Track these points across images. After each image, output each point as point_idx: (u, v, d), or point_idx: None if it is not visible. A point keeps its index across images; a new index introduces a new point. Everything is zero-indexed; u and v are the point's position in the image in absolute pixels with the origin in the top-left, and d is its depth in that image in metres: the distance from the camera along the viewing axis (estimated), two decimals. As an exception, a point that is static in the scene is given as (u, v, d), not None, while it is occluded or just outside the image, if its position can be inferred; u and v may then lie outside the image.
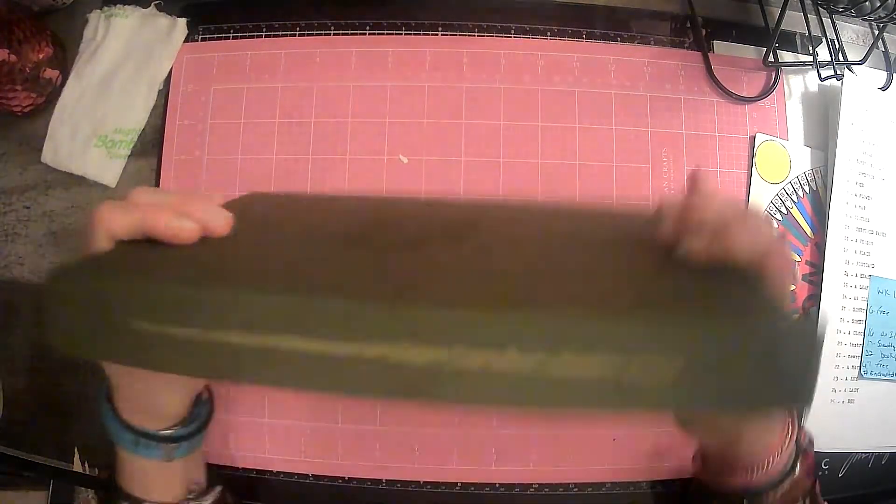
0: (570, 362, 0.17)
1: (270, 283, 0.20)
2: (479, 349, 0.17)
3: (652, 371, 0.17)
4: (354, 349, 0.18)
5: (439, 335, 0.18)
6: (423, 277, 0.21)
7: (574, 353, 0.17)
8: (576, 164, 0.46)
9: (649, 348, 0.17)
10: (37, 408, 0.47)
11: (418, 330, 0.18)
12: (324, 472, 0.45)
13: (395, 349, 0.18)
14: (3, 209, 0.48)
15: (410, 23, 0.48)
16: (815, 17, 0.49)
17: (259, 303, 0.19)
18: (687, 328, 0.17)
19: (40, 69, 0.45)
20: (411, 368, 0.18)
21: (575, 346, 0.17)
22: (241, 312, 0.19)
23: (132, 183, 0.47)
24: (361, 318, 0.18)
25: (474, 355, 0.17)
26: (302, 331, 0.18)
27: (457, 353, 0.17)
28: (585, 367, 0.17)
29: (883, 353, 0.48)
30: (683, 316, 0.18)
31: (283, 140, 0.46)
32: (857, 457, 0.49)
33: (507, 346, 0.17)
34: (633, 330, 0.17)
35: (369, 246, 0.25)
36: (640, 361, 0.17)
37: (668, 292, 0.21)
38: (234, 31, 0.48)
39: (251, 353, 0.19)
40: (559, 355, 0.17)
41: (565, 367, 0.17)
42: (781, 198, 0.48)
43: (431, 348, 0.17)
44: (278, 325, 0.18)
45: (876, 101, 0.49)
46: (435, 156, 0.46)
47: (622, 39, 0.49)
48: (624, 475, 0.46)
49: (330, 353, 0.18)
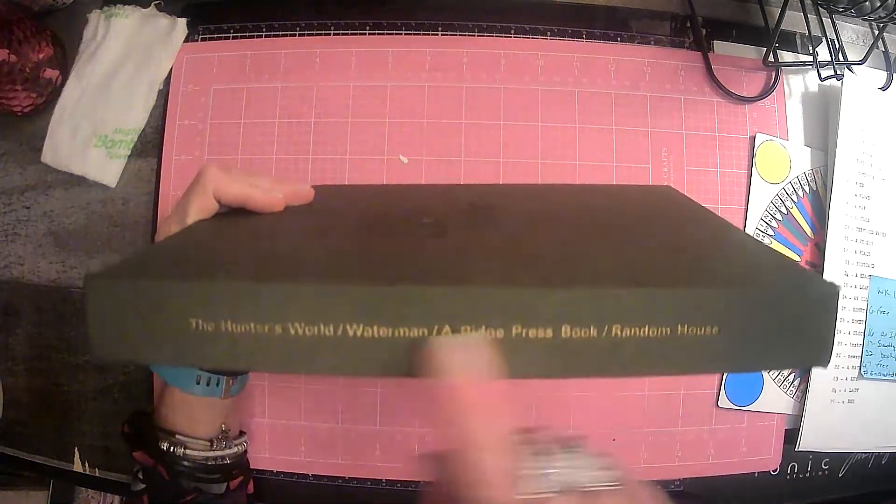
0: (622, 333, 0.19)
1: (329, 275, 0.21)
2: (537, 326, 0.19)
3: (693, 338, 0.19)
4: (424, 331, 0.19)
5: (501, 313, 0.19)
6: (469, 260, 0.23)
7: (625, 326, 0.19)
8: (576, 164, 0.46)
9: (689, 319, 0.19)
10: (37, 408, 0.47)
11: (483, 309, 0.19)
12: (324, 472, 0.45)
13: (465, 329, 0.19)
14: (3, 209, 0.48)
15: (410, 23, 0.48)
16: (815, 17, 0.49)
17: (320, 293, 0.19)
18: (716, 299, 0.19)
19: (40, 69, 0.45)
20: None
21: (624, 319, 0.19)
22: (300, 303, 0.19)
23: (132, 183, 0.47)
24: (428, 302, 0.19)
25: (535, 331, 0.19)
26: (369, 317, 0.19)
27: (519, 329, 0.19)
28: (634, 339, 0.19)
29: (883, 353, 0.48)
30: (714, 287, 0.19)
31: (283, 140, 0.46)
32: (857, 457, 0.49)
33: (562, 321, 0.19)
34: (672, 303, 0.19)
35: (403, 234, 0.26)
36: (683, 331, 0.19)
37: (696, 266, 0.22)
38: (234, 31, 0.48)
39: (313, 342, 0.19)
40: (610, 328, 0.19)
41: (616, 338, 0.19)
42: (781, 198, 0.48)
43: (497, 326, 0.19)
44: (343, 315, 0.19)
45: (876, 101, 0.49)
46: (435, 156, 0.46)
47: (622, 39, 0.49)
48: (624, 475, 0.46)
49: (396, 337, 0.19)
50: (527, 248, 0.25)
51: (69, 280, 0.47)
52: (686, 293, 0.19)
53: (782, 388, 0.47)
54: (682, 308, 0.19)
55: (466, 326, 0.19)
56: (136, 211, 0.47)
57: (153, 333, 0.20)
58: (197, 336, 0.20)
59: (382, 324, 0.19)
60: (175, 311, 0.20)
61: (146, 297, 0.20)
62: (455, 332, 0.19)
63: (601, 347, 0.19)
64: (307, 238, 0.27)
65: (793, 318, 0.19)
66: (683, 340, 0.19)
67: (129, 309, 0.20)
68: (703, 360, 0.19)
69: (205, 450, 0.36)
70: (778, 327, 0.19)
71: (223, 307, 0.19)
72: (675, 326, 0.19)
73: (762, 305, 0.19)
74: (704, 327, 0.19)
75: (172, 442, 0.34)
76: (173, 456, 0.34)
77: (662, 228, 0.29)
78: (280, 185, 0.31)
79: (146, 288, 0.20)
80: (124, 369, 0.46)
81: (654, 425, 0.46)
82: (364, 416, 0.45)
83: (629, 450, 0.46)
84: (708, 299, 0.19)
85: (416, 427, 0.45)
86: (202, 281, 0.20)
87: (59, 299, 0.47)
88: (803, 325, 0.20)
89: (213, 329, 0.20)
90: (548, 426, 0.23)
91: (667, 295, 0.19)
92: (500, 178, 0.46)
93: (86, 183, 0.47)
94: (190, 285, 0.20)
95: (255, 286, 0.19)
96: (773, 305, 0.19)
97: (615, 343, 0.19)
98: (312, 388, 0.45)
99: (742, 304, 0.19)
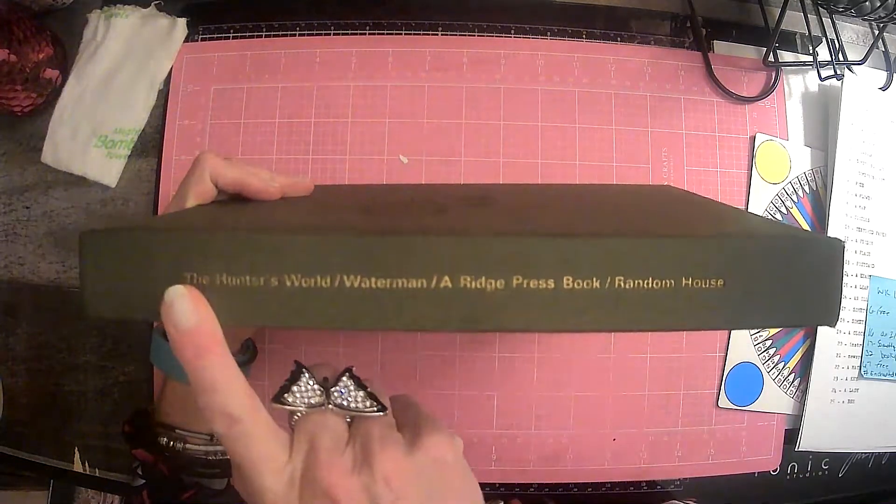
0: (625, 285, 0.19)
1: (326, 228, 0.21)
2: (538, 278, 0.19)
3: (697, 290, 0.19)
4: (423, 282, 0.19)
5: (501, 263, 0.18)
6: (471, 221, 0.23)
7: (628, 278, 0.19)
8: (575, 164, 0.46)
9: (694, 271, 0.19)
10: (37, 408, 0.47)
11: (483, 259, 0.18)
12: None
13: (464, 280, 0.19)
14: (3, 209, 0.48)
15: (410, 23, 0.48)
16: (815, 17, 0.49)
17: (318, 244, 0.19)
18: (721, 249, 0.19)
19: (40, 69, 0.45)
20: (479, 297, 0.19)
21: (627, 271, 0.19)
22: (297, 254, 0.19)
23: (132, 183, 0.47)
24: (427, 252, 0.19)
25: (536, 282, 0.19)
26: (366, 268, 0.19)
27: (520, 280, 0.19)
28: (637, 292, 0.19)
29: (883, 353, 0.48)
30: (719, 237, 0.19)
31: (283, 140, 0.46)
32: (857, 457, 0.49)
33: (564, 272, 0.18)
34: (677, 253, 0.19)
35: (402, 214, 0.26)
36: (687, 283, 0.19)
37: (702, 223, 0.22)
38: (234, 31, 0.48)
39: (310, 294, 0.19)
40: (613, 280, 0.19)
41: (619, 289, 0.19)
42: (781, 198, 0.48)
43: (497, 277, 0.18)
44: (340, 266, 0.19)
45: (876, 101, 0.49)
46: (435, 156, 0.46)
47: (622, 39, 0.49)
48: (624, 475, 0.46)
49: (398, 288, 0.19)
50: (527, 217, 0.25)
51: (69, 280, 0.47)
52: (691, 243, 0.19)
53: (782, 388, 0.47)
54: (687, 259, 0.19)
55: (466, 277, 0.19)
56: (136, 211, 0.47)
57: (147, 288, 0.20)
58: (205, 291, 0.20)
59: (380, 275, 0.19)
60: (170, 263, 0.19)
61: (141, 249, 0.20)
62: (454, 282, 0.19)
63: (604, 299, 0.19)
64: (306, 214, 0.27)
65: (798, 272, 0.19)
66: (688, 293, 0.19)
67: (123, 262, 0.20)
68: (707, 314, 0.19)
69: (205, 444, 0.35)
70: (783, 282, 0.19)
71: (218, 259, 0.19)
72: (680, 279, 0.19)
73: (767, 258, 0.19)
74: (709, 280, 0.19)
75: (172, 437, 0.34)
76: (173, 450, 0.34)
77: (664, 207, 0.29)
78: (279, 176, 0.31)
79: (141, 239, 0.20)
80: (124, 369, 0.46)
81: (654, 425, 0.46)
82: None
83: (629, 450, 0.46)
84: (713, 250, 0.19)
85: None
86: (198, 232, 0.20)
87: (59, 299, 0.47)
88: (809, 281, 0.19)
89: (208, 283, 0.19)
90: (326, 362, 0.25)
91: (671, 245, 0.19)
92: (500, 178, 0.46)
93: (86, 183, 0.47)
94: (185, 236, 0.20)
95: (252, 236, 0.19)
96: (778, 258, 0.19)
97: (618, 295, 0.18)
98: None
99: (747, 255, 0.19)
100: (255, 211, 0.28)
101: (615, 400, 0.46)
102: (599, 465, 0.45)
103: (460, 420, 0.45)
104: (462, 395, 0.45)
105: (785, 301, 0.19)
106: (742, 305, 0.19)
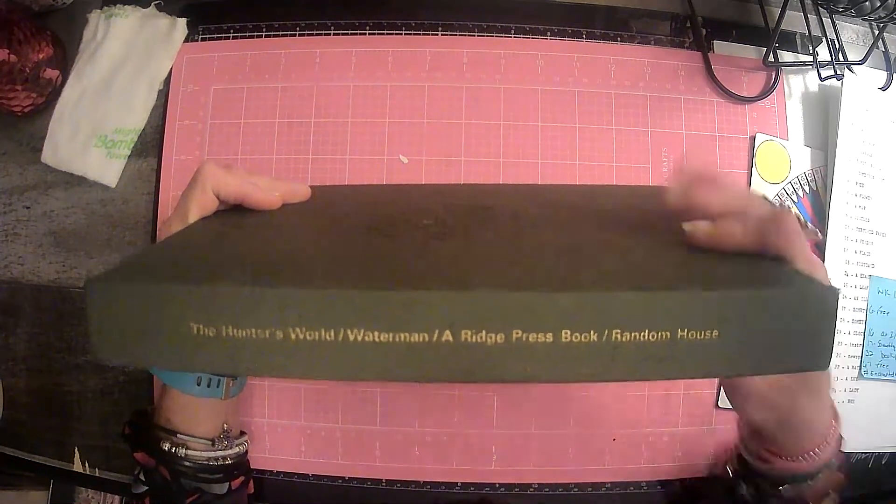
0: (622, 338, 0.19)
1: (330, 279, 0.21)
2: (537, 331, 0.19)
3: (693, 342, 0.19)
4: (425, 336, 0.19)
5: (502, 318, 0.19)
6: (471, 263, 0.23)
7: (624, 331, 0.19)
8: (576, 164, 0.46)
9: (689, 323, 0.19)
10: (37, 408, 0.47)
11: (484, 313, 0.19)
12: (324, 472, 0.45)
13: (465, 334, 0.19)
14: (3, 209, 0.48)
15: (410, 23, 0.48)
16: (815, 17, 0.49)
17: (323, 298, 0.19)
18: (715, 302, 0.19)
19: (40, 69, 0.45)
20: (479, 350, 0.19)
21: (624, 324, 0.19)
22: (301, 308, 0.19)
23: (132, 183, 0.47)
24: (428, 307, 0.19)
25: (535, 336, 0.19)
26: (369, 322, 0.19)
27: (520, 334, 0.19)
28: (634, 344, 0.19)
29: (883, 353, 0.48)
30: (713, 290, 0.19)
31: (283, 140, 0.46)
32: (857, 457, 0.49)
33: (563, 326, 0.19)
34: (672, 307, 0.19)
35: (403, 236, 0.26)
36: (682, 335, 0.19)
37: (696, 269, 0.22)
38: (234, 31, 0.48)
39: (314, 347, 0.19)
40: (610, 333, 0.19)
41: (615, 342, 0.19)
42: (781, 198, 0.48)
43: (497, 331, 0.19)
44: (344, 320, 0.19)
45: (876, 101, 0.49)
46: (435, 156, 0.46)
47: (622, 39, 0.49)
48: (624, 475, 0.46)
49: (401, 342, 0.19)
50: (527, 247, 0.25)
51: (69, 280, 0.47)
52: (685, 296, 0.19)
53: (782, 388, 0.47)
54: (682, 312, 0.19)
55: (467, 331, 0.19)
56: (136, 211, 0.47)
57: (154, 337, 0.20)
58: (198, 341, 0.20)
59: (383, 329, 0.19)
60: (176, 315, 0.20)
61: (147, 301, 0.20)
62: (455, 337, 0.19)
63: (601, 352, 0.19)
64: (308, 238, 0.27)
65: (792, 321, 0.19)
66: (683, 344, 0.19)
67: (129, 312, 0.20)
68: (703, 363, 0.19)
69: (206, 449, 0.36)
70: (778, 330, 0.19)
71: (224, 312, 0.19)
72: (675, 330, 0.19)
73: (762, 308, 0.19)
74: (704, 331, 0.19)
75: (174, 442, 0.35)
76: (175, 456, 0.34)
77: (662, 221, 0.29)
78: (278, 184, 0.32)
79: (146, 292, 0.20)
80: (124, 369, 0.46)
81: (654, 425, 0.46)
82: (364, 416, 0.45)
83: (629, 450, 0.46)
84: (707, 302, 0.19)
85: (416, 427, 0.45)
86: (203, 286, 0.20)
87: (59, 299, 0.47)
88: (803, 327, 0.20)
89: (215, 334, 0.20)
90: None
91: (666, 298, 0.19)
92: (500, 178, 0.46)
93: (86, 183, 0.47)
94: (191, 290, 0.20)
95: (257, 291, 0.19)
96: (773, 308, 0.19)
97: (615, 347, 0.19)
98: (312, 388, 0.45)
99: (741, 306, 0.19)
100: (257, 228, 0.28)
101: (615, 400, 0.46)
102: (599, 465, 0.45)
103: (460, 420, 0.45)
104: (462, 395, 0.45)
105: (779, 348, 0.20)
106: (737, 354, 0.19)
